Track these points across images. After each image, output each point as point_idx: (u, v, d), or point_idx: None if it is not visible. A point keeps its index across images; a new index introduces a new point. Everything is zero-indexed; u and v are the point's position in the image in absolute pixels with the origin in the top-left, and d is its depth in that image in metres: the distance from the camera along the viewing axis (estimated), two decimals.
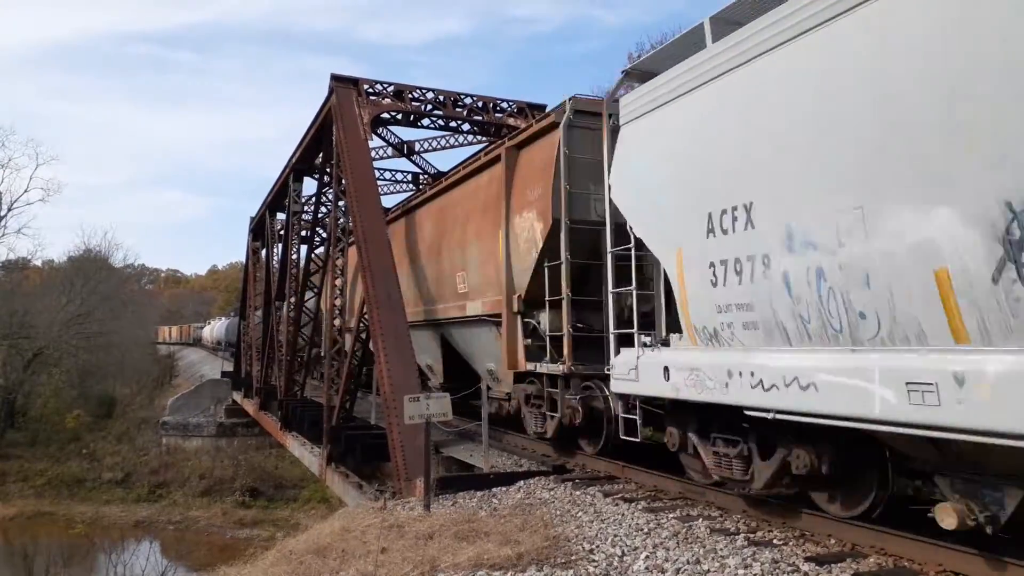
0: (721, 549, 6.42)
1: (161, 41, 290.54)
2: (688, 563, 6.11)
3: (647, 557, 6.33)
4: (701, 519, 7.50)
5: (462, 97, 17.57)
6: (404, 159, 22.30)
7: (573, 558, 6.46)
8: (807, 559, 6.04)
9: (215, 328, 64.30)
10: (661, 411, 8.44)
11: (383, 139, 20.73)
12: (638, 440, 8.67)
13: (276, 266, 25.10)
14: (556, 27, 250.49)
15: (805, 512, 7.02)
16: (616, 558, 6.41)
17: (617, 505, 8.31)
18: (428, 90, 17.28)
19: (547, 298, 10.71)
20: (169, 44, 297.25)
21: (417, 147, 21.60)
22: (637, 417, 8.53)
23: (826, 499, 6.89)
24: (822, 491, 6.93)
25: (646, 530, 7.17)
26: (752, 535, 6.85)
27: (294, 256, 23.04)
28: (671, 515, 7.70)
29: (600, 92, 32.48)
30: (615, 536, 7.03)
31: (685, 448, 8.16)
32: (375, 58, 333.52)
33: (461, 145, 20.38)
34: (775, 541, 6.63)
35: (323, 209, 19.64)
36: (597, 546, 6.78)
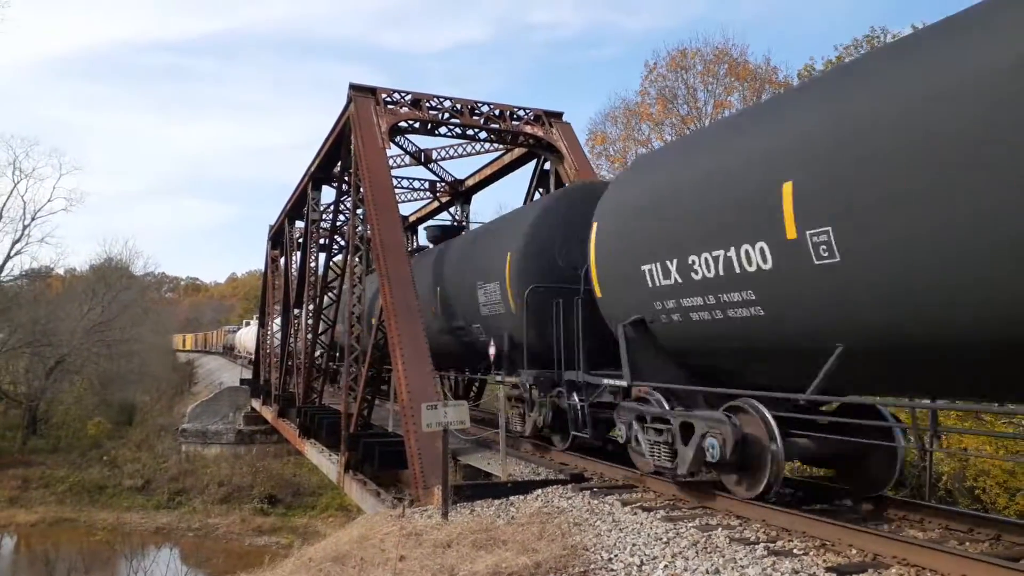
0: (741, 559, 6.37)
1: (181, 50, 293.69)
2: (707, 573, 6.07)
3: (666, 567, 6.29)
4: (720, 528, 7.44)
5: (479, 105, 17.61)
6: (421, 167, 22.45)
7: (592, 567, 6.44)
8: (828, 569, 5.99)
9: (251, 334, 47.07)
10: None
11: (401, 147, 20.87)
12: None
13: (295, 274, 25.26)
14: (576, 33, 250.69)
15: (826, 521, 6.96)
16: (635, 567, 6.38)
17: (636, 514, 8.27)
18: (445, 99, 17.35)
19: None
20: (189, 53, 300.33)
21: (434, 155, 21.72)
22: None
23: None
24: None
25: (665, 539, 7.13)
26: (772, 544, 6.79)
27: (312, 264, 23.18)
28: (690, 524, 7.65)
29: (617, 99, 32.44)
30: (634, 545, 7.00)
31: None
32: (393, 65, 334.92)
33: (478, 153, 20.47)
34: (795, 551, 6.57)
35: (341, 217, 19.75)
36: (616, 555, 6.75)
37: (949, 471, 16.11)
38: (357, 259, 16.64)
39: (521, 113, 17.89)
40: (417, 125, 17.43)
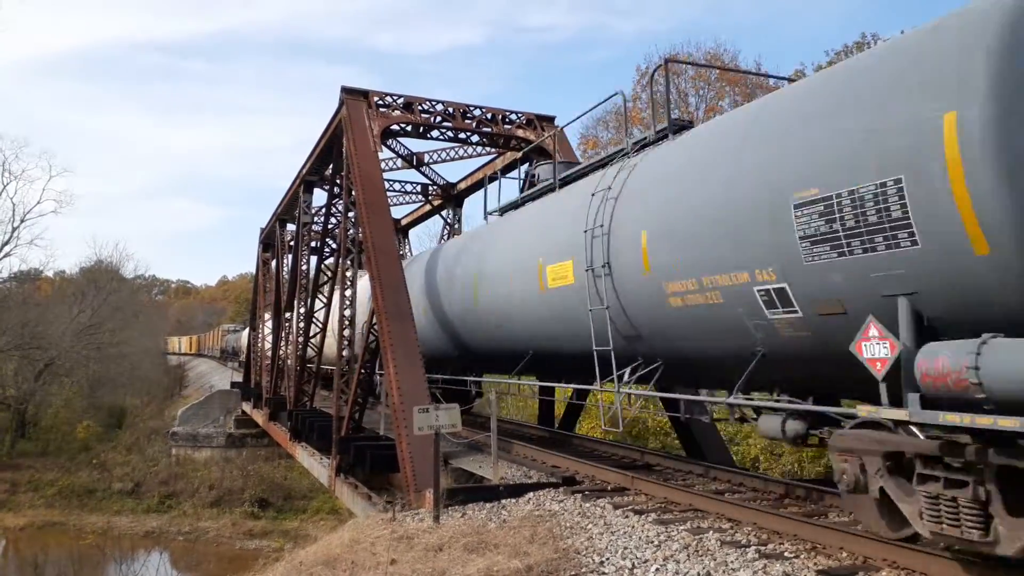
0: (732, 562, 6.38)
1: (173, 50, 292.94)
2: None
3: (657, 570, 6.30)
4: (712, 531, 7.46)
5: (471, 109, 17.62)
6: (413, 170, 22.44)
7: (583, 570, 6.45)
8: (819, 572, 6.01)
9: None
10: None
11: (393, 150, 20.84)
12: None
13: (286, 277, 25.19)
14: (570, 36, 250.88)
15: (816, 524, 6.99)
16: (626, 571, 6.39)
17: (627, 517, 8.27)
18: (437, 102, 17.36)
19: None
20: (181, 53, 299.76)
21: (426, 158, 21.70)
22: None
23: None
24: None
25: (656, 542, 7.13)
26: (763, 548, 6.80)
27: (304, 267, 23.13)
28: (682, 527, 7.66)
29: (609, 103, 32.54)
30: (625, 548, 7.00)
31: None
32: (387, 67, 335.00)
33: (470, 156, 20.47)
34: (786, 554, 6.59)
35: (333, 220, 19.71)
36: (607, 558, 6.75)
37: None
38: (349, 262, 16.62)
39: (513, 117, 17.91)
40: (409, 128, 17.42)
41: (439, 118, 17.28)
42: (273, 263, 28.89)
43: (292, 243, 24.60)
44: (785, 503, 8.65)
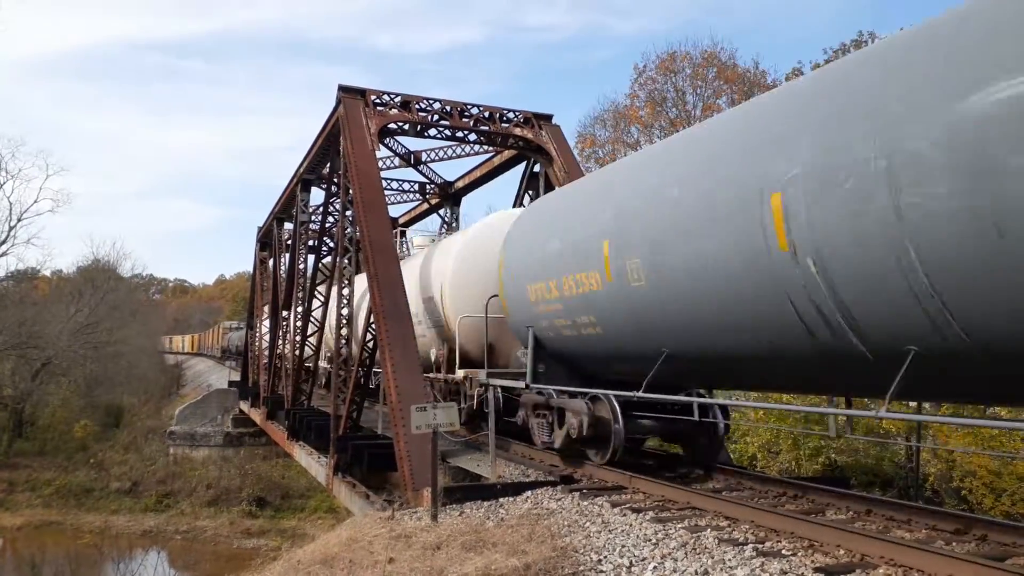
0: (730, 560, 6.39)
1: (172, 50, 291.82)
2: (696, 574, 6.08)
3: (655, 568, 6.31)
4: (709, 529, 7.46)
5: (468, 107, 17.62)
6: (411, 169, 22.44)
7: (581, 569, 6.45)
8: (816, 570, 6.01)
9: None
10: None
11: (390, 149, 20.86)
12: None
13: (284, 276, 25.19)
14: (570, 35, 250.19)
15: (814, 522, 6.99)
16: (624, 569, 6.39)
17: (625, 515, 8.27)
18: (435, 100, 17.35)
19: None
20: (180, 53, 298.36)
21: (424, 157, 21.71)
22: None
23: None
24: None
25: (654, 540, 7.14)
26: (761, 545, 6.81)
27: (301, 266, 23.12)
28: (679, 525, 7.66)
29: (607, 102, 32.52)
30: (623, 547, 7.01)
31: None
32: (386, 67, 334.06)
33: (468, 155, 20.48)
34: (784, 551, 6.59)
35: (330, 219, 19.72)
36: (605, 557, 6.75)
37: (935, 472, 16.23)
38: (346, 260, 16.61)
39: (511, 115, 17.91)
40: (407, 127, 17.41)
41: (436, 116, 17.28)
42: (271, 262, 28.89)
43: (290, 242, 24.61)
44: (782, 501, 8.67)
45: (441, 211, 24.22)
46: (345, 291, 16.71)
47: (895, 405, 6.32)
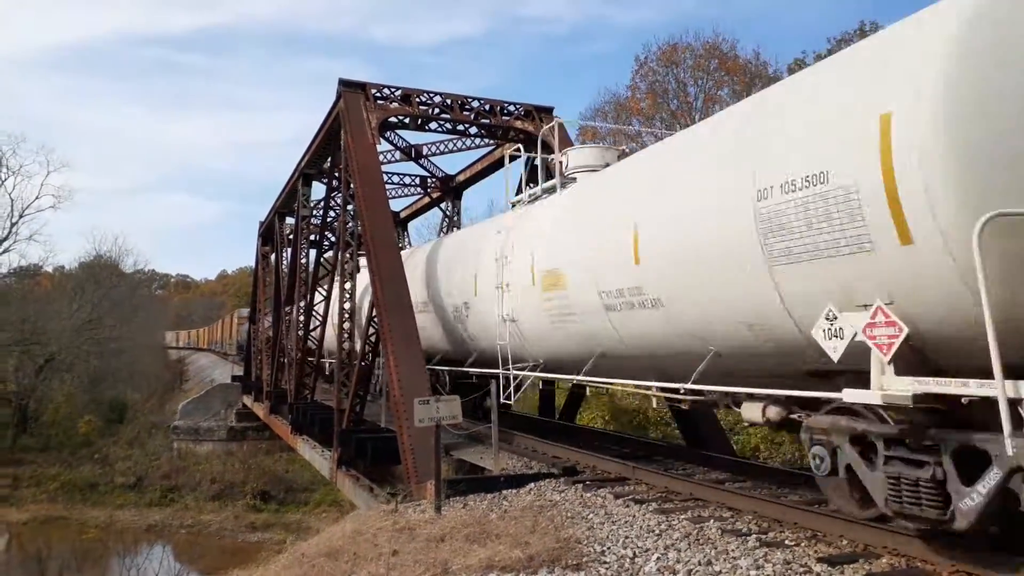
0: (733, 550, 6.41)
1: (172, 44, 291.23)
2: (700, 564, 6.10)
3: (658, 559, 6.32)
4: (712, 520, 7.48)
5: (469, 100, 17.57)
6: (412, 163, 22.39)
7: (584, 560, 6.47)
8: (819, 560, 6.03)
9: None
10: None
11: (391, 143, 20.78)
12: None
13: (285, 270, 25.18)
14: (569, 27, 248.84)
15: (817, 512, 7.01)
16: (627, 560, 6.41)
17: (628, 507, 8.30)
18: (435, 94, 17.31)
19: None
20: (180, 47, 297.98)
21: (425, 151, 21.66)
22: None
23: None
24: None
25: (657, 531, 7.16)
26: (764, 536, 6.83)
27: (303, 260, 23.11)
28: (682, 516, 7.69)
29: (608, 94, 32.47)
30: (626, 538, 7.03)
31: None
32: (386, 60, 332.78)
33: (469, 148, 20.43)
34: (787, 542, 6.61)
35: (332, 213, 19.69)
36: (608, 548, 6.78)
37: None
38: (348, 254, 16.60)
39: (512, 108, 17.86)
40: (407, 120, 17.36)
41: (437, 110, 17.24)
42: (272, 257, 28.88)
43: (291, 236, 24.58)
44: (785, 492, 8.68)
45: (442, 205, 24.18)
46: (347, 285, 16.71)
47: None
